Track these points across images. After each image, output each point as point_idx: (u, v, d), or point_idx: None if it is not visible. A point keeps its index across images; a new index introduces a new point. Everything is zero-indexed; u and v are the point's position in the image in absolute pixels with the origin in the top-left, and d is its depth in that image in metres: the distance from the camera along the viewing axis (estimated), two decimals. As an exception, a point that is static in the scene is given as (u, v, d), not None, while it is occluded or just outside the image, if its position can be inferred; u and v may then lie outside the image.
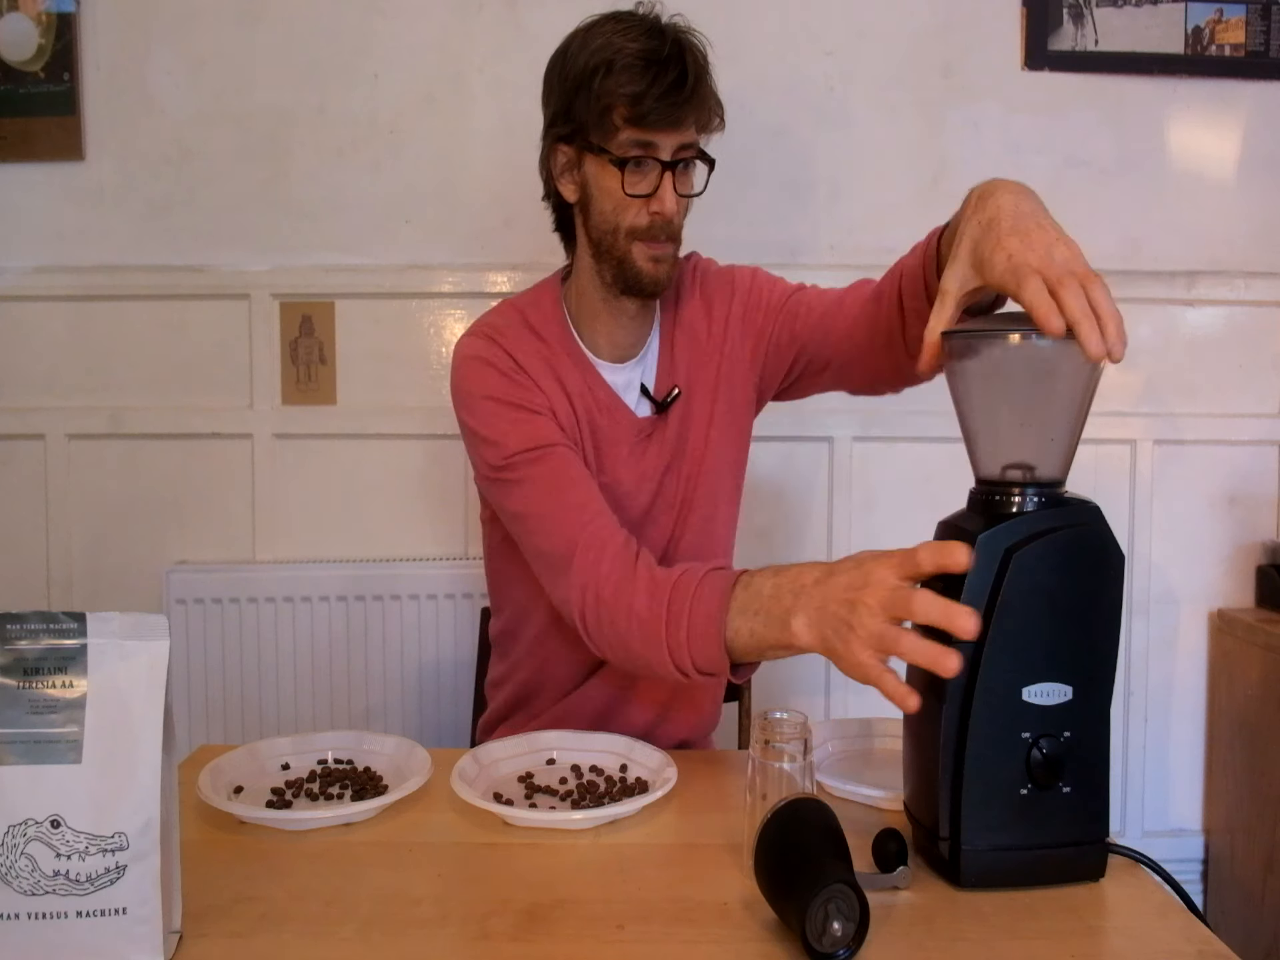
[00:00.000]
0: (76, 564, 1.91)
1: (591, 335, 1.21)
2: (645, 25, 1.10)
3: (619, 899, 0.79)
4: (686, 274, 1.27)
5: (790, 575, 0.90)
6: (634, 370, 1.22)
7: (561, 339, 1.20)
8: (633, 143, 1.09)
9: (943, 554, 0.78)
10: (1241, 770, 1.87)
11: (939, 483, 1.88)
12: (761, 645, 0.91)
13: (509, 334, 1.18)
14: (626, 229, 1.12)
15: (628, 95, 1.06)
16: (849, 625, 0.82)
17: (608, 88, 1.07)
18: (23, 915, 0.66)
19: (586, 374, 1.20)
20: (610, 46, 1.08)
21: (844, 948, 0.69)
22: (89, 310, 1.89)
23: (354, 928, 0.75)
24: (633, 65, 1.06)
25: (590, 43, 1.10)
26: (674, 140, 1.10)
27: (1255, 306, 1.93)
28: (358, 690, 1.86)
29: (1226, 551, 1.97)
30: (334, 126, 1.87)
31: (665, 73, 1.06)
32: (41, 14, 1.83)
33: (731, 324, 1.24)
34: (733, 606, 0.93)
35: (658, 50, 1.07)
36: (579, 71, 1.10)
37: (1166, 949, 0.73)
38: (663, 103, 1.06)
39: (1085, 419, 0.83)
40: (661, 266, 1.14)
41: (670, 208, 1.10)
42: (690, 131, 1.11)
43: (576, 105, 1.10)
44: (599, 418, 1.19)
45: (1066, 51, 1.87)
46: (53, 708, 0.68)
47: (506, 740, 1.08)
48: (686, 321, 1.25)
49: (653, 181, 1.10)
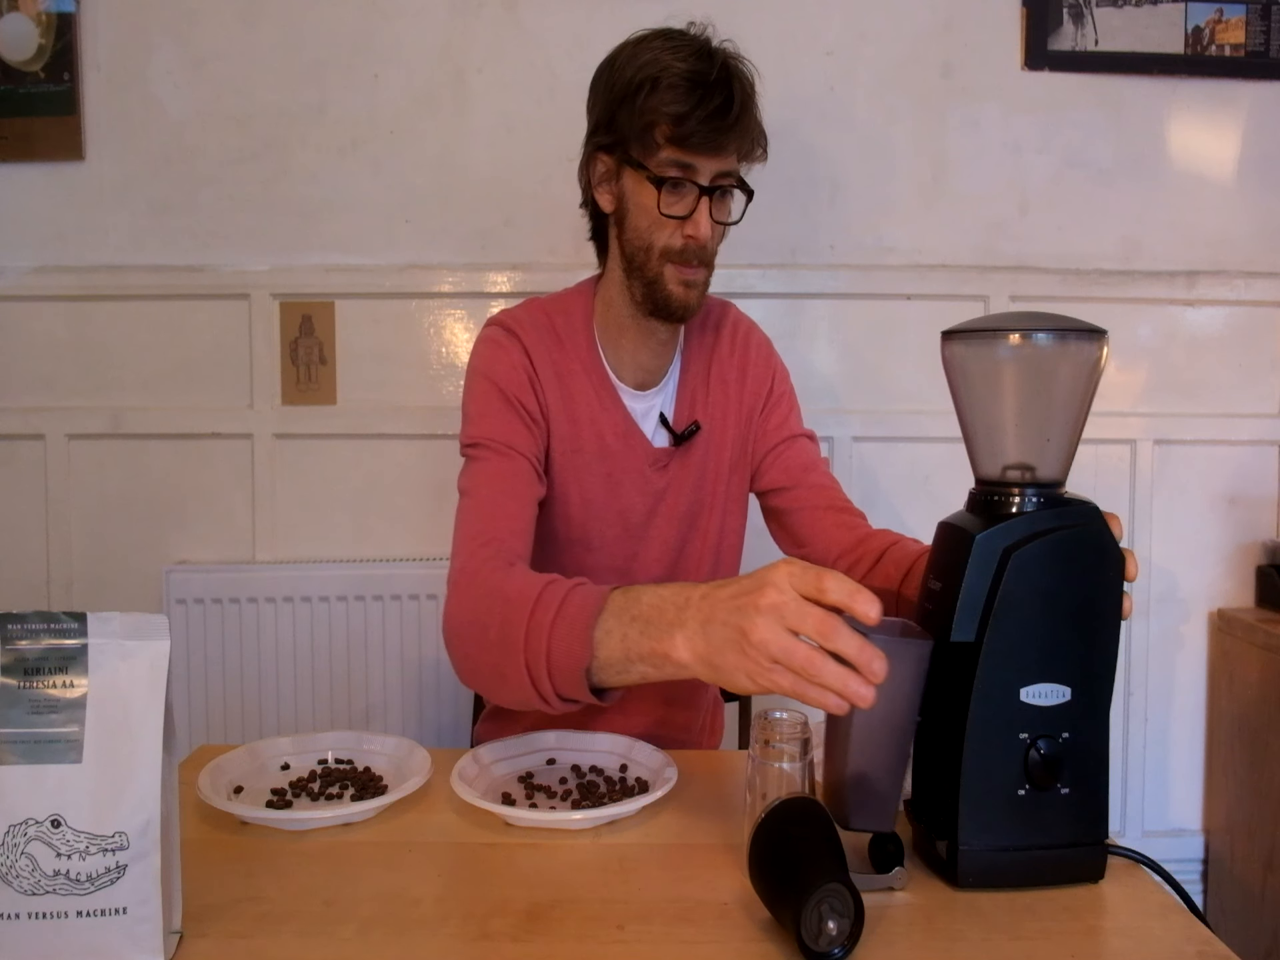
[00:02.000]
0: (76, 564, 1.91)
1: (616, 354, 1.21)
2: (695, 46, 1.09)
3: (619, 899, 0.79)
4: (725, 321, 1.28)
5: (674, 589, 0.81)
6: (654, 399, 1.22)
7: (585, 354, 1.20)
8: (672, 163, 1.08)
9: (856, 599, 0.70)
10: (1241, 770, 1.87)
11: (939, 483, 1.89)
12: (631, 654, 0.81)
13: (530, 334, 1.18)
14: (660, 249, 1.12)
15: (671, 115, 1.06)
16: (741, 630, 0.73)
17: (652, 104, 1.06)
18: (23, 915, 0.66)
19: (604, 395, 1.20)
20: (658, 63, 1.07)
21: (839, 946, 0.69)
22: (89, 310, 1.89)
23: (354, 928, 0.75)
24: (679, 85, 1.05)
25: (639, 56, 1.09)
26: (714, 165, 1.09)
27: (1255, 306, 1.93)
28: (358, 690, 1.86)
29: (1226, 551, 1.97)
30: (334, 126, 1.87)
31: (711, 96, 1.05)
32: (41, 14, 1.83)
33: (757, 397, 1.26)
34: (608, 607, 0.83)
35: (705, 73, 1.06)
36: (625, 84, 1.09)
37: (1166, 949, 0.73)
38: (706, 126, 1.06)
39: (1085, 419, 0.83)
40: (692, 292, 1.14)
41: (705, 233, 1.10)
42: (731, 159, 1.11)
43: (620, 117, 1.10)
44: (613, 442, 1.19)
45: (1066, 51, 1.87)
46: (53, 707, 0.68)
47: (506, 740, 1.08)
48: (720, 363, 1.26)
49: (689, 204, 1.10)
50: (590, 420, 1.18)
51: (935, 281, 1.90)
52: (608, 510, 1.20)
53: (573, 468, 1.18)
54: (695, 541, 1.24)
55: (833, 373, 1.92)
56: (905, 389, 1.91)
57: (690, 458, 1.23)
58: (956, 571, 0.79)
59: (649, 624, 0.80)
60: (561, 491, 1.18)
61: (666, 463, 1.22)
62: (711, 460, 1.24)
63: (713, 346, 1.26)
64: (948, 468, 1.80)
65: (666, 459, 1.22)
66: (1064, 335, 0.81)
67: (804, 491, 1.24)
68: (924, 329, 1.86)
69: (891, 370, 1.91)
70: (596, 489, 1.19)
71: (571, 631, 0.84)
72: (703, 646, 0.76)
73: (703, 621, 0.76)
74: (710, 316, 1.28)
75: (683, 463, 1.22)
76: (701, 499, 1.24)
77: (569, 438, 1.17)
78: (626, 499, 1.20)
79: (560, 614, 0.85)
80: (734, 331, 1.28)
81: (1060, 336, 0.81)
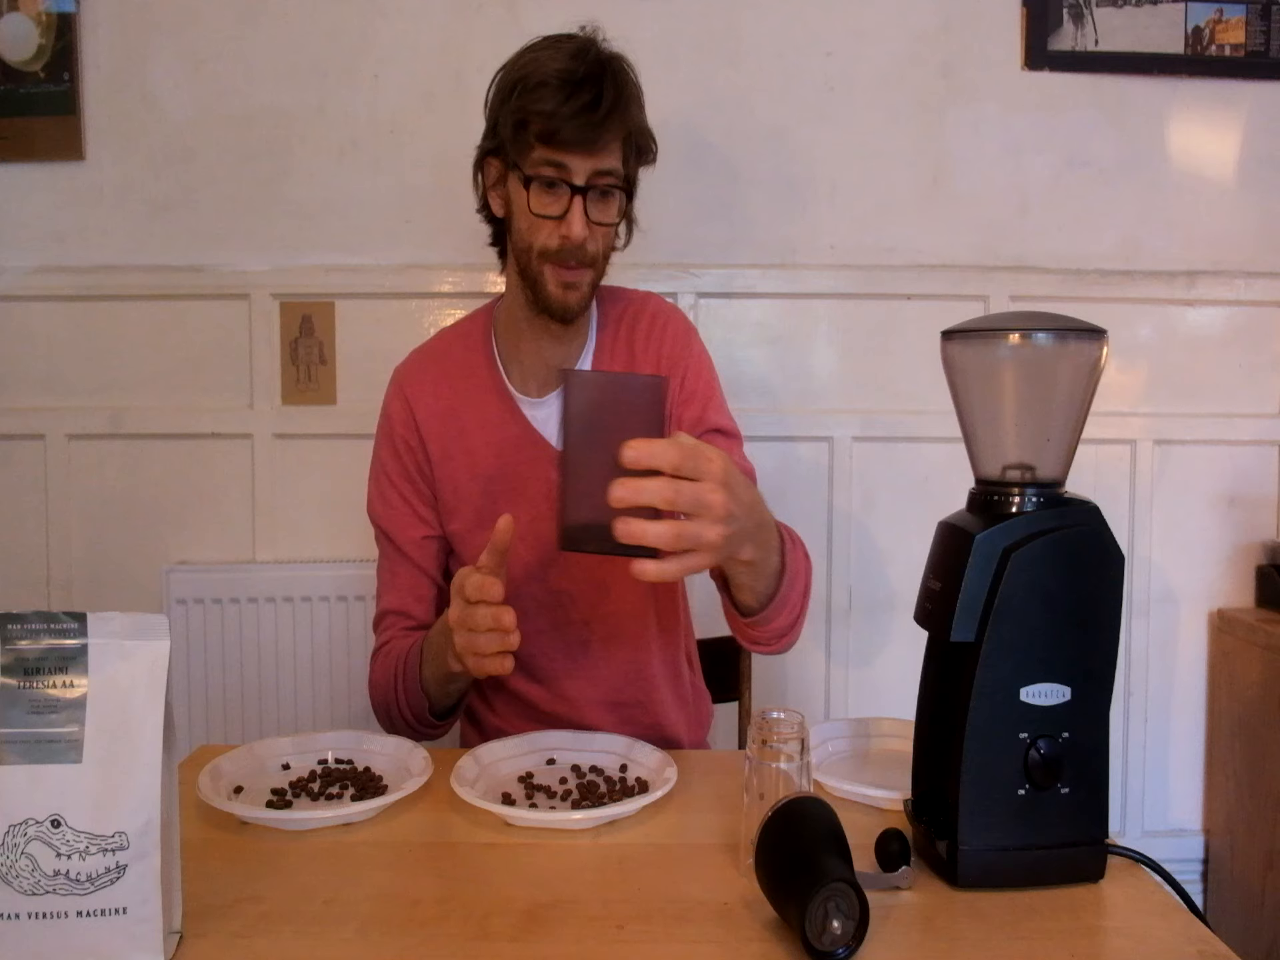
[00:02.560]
0: (76, 564, 1.91)
1: (517, 363, 1.23)
2: (574, 47, 1.09)
3: (619, 899, 0.79)
4: (644, 314, 1.27)
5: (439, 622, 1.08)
6: (555, 403, 1.22)
7: (483, 372, 1.23)
8: (544, 161, 1.09)
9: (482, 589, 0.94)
10: (1241, 770, 1.87)
11: (939, 483, 1.89)
12: (443, 681, 1.11)
13: (417, 383, 1.25)
14: (539, 249, 1.13)
15: (539, 112, 1.06)
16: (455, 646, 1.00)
17: (522, 104, 1.07)
18: (23, 915, 0.66)
19: (502, 411, 1.22)
20: (534, 63, 1.08)
21: (843, 946, 0.69)
22: (89, 310, 1.89)
23: (354, 928, 0.75)
24: (549, 82, 1.06)
25: (520, 59, 1.11)
26: (589, 165, 1.09)
27: (1255, 306, 1.93)
28: (358, 690, 1.86)
29: (1226, 551, 1.97)
30: (334, 126, 1.87)
31: (579, 93, 1.05)
32: (41, 14, 1.83)
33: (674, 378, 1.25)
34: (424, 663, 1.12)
35: (575, 70, 1.06)
36: (503, 87, 1.11)
37: (1166, 949, 0.73)
38: (574, 122, 1.06)
39: (1085, 419, 0.83)
40: (572, 294, 1.15)
41: (578, 233, 1.10)
42: (608, 158, 1.10)
43: (500, 120, 1.11)
44: (512, 455, 1.21)
45: (1066, 51, 1.87)
46: (53, 707, 0.68)
47: (506, 740, 1.08)
48: (636, 356, 1.25)
49: (563, 204, 1.10)
50: (485, 442, 1.21)
51: (935, 281, 1.90)
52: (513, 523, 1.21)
53: (469, 496, 1.22)
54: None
55: (833, 373, 1.92)
56: (905, 389, 1.91)
57: None
58: (956, 571, 0.79)
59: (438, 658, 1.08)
60: (465, 525, 1.23)
61: None
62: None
63: (629, 340, 1.25)
64: (948, 468, 1.80)
65: None
66: (1064, 335, 0.81)
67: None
68: (924, 329, 1.86)
69: (891, 370, 1.91)
70: (498, 504, 1.20)
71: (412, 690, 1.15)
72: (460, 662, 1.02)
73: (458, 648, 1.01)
74: (628, 310, 1.27)
75: None
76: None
77: (462, 470, 1.22)
78: (532, 507, 1.20)
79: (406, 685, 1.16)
80: (652, 323, 1.26)
81: (1060, 336, 0.81)
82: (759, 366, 1.91)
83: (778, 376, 1.92)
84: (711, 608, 1.20)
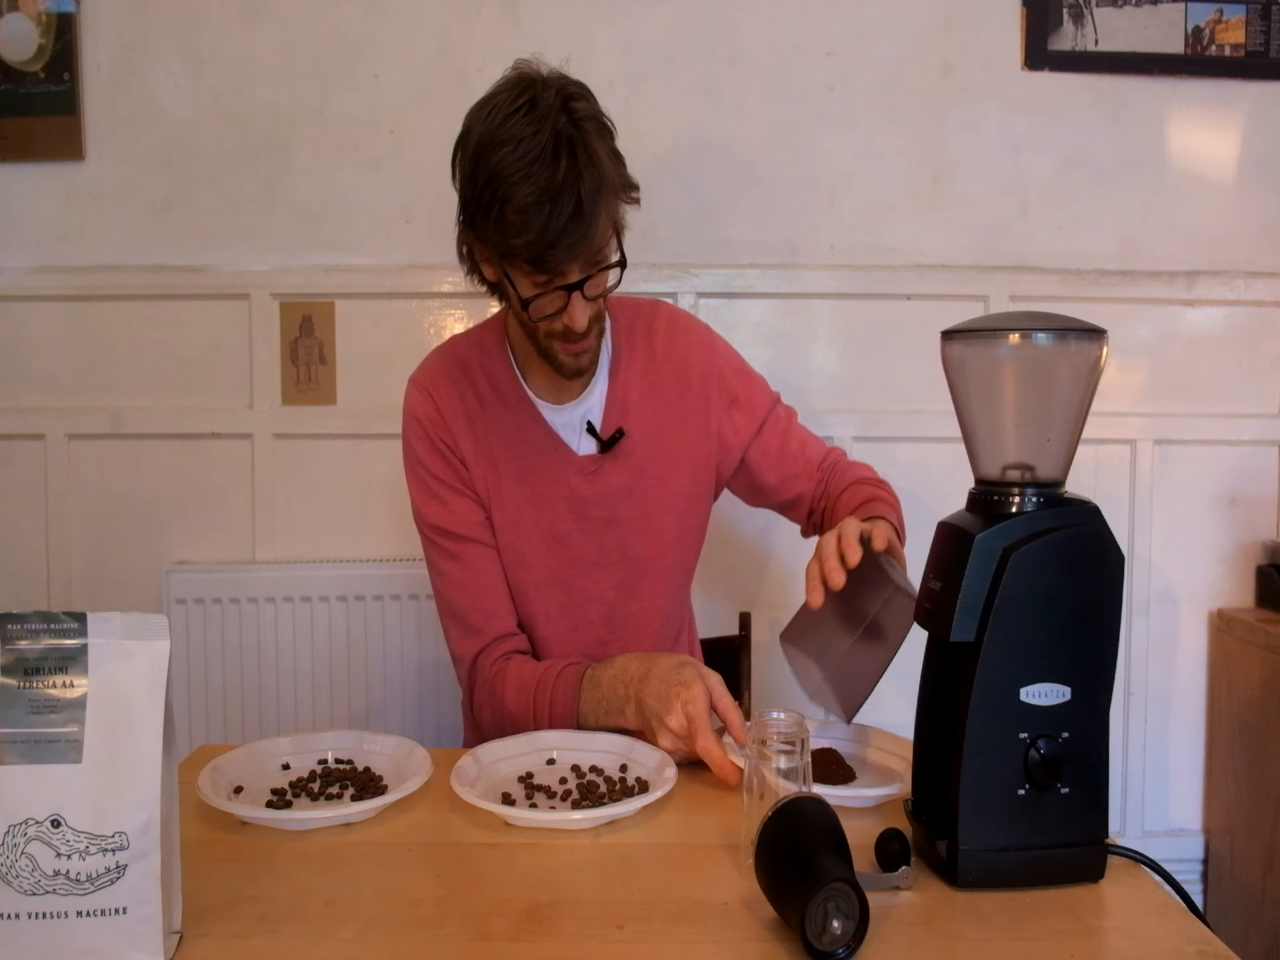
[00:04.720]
0: (76, 564, 1.91)
1: (533, 372, 1.23)
2: (539, 145, 1.01)
3: (619, 899, 0.79)
4: (658, 322, 1.28)
5: (619, 668, 1.12)
6: (576, 409, 1.23)
7: (502, 378, 1.23)
8: (538, 279, 1.07)
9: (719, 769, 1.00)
10: (1241, 770, 1.87)
11: (939, 483, 1.89)
12: (603, 724, 1.12)
13: (441, 385, 1.23)
14: (544, 333, 1.13)
15: (523, 244, 1.03)
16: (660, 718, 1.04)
17: (502, 236, 1.04)
18: (23, 915, 0.66)
19: (522, 414, 1.22)
20: (504, 181, 1.01)
21: (843, 946, 0.69)
22: (89, 310, 1.89)
23: (354, 928, 0.75)
24: (526, 209, 1.01)
25: (486, 159, 1.03)
26: (581, 263, 1.07)
27: (1255, 306, 1.93)
28: (358, 690, 1.86)
29: (1226, 551, 1.96)
30: (334, 126, 1.87)
31: (560, 204, 1.01)
32: (41, 14, 1.83)
33: (705, 397, 1.27)
34: (582, 698, 1.13)
35: (550, 181, 1.01)
36: (474, 192, 1.05)
37: (1166, 949, 0.73)
38: (563, 241, 1.02)
39: (1085, 419, 0.83)
40: (583, 358, 1.16)
41: (581, 324, 1.10)
42: (599, 249, 1.08)
43: (478, 223, 1.06)
44: (532, 458, 1.22)
45: (1066, 51, 1.87)
46: (53, 707, 0.68)
47: (506, 740, 1.08)
48: (656, 364, 1.26)
49: (560, 303, 1.09)
50: (507, 445, 1.22)
51: (935, 281, 1.90)
52: (535, 526, 1.22)
53: (496, 494, 1.22)
54: (641, 544, 1.25)
55: (833, 373, 1.92)
56: (905, 389, 1.90)
57: (624, 462, 1.23)
58: (956, 571, 0.79)
59: (609, 704, 1.11)
60: (490, 516, 1.23)
61: (596, 469, 1.23)
62: (653, 460, 1.24)
63: (648, 349, 1.26)
64: (948, 468, 1.80)
65: (595, 466, 1.23)
66: (1064, 335, 0.81)
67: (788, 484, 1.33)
68: (924, 329, 1.85)
69: (891, 370, 1.91)
70: (521, 508, 1.22)
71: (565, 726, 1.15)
72: (638, 722, 1.08)
73: (638, 706, 1.07)
74: (638, 318, 1.28)
75: (615, 468, 1.23)
76: (646, 498, 1.24)
77: (489, 472, 1.22)
78: (553, 510, 1.22)
79: (552, 720, 1.15)
80: (670, 330, 1.28)
81: (1060, 336, 0.81)
82: (759, 366, 1.89)
83: (778, 376, 1.91)
84: (712, 608, 1.20)
